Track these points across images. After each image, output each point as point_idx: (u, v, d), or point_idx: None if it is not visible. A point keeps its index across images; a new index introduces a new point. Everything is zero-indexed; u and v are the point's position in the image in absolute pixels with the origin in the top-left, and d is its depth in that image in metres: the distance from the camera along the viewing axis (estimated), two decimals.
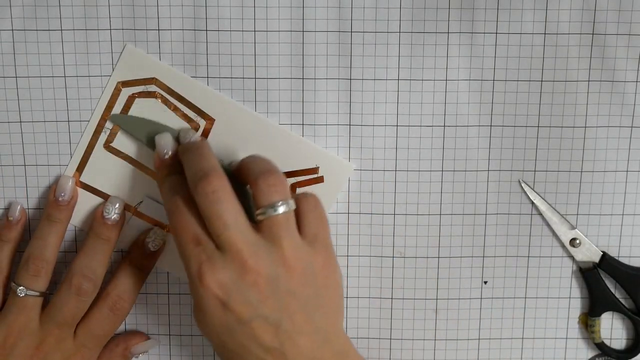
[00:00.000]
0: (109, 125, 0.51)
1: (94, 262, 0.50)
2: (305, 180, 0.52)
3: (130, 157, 0.52)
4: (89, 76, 0.51)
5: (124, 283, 0.51)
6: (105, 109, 0.51)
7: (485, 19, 0.50)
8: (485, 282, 0.53)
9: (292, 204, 0.45)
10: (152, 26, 0.50)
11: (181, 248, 0.45)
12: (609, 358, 0.54)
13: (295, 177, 0.52)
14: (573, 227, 0.52)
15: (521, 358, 0.55)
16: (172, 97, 0.51)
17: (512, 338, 0.54)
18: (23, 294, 0.49)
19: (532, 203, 0.52)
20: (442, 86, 0.51)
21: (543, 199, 0.52)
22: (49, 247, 0.50)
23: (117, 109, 0.51)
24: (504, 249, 0.53)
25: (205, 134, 0.51)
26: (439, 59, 0.51)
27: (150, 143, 0.51)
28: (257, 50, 0.50)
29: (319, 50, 0.50)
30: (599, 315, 0.53)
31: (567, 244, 0.52)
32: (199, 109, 0.51)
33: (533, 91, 0.51)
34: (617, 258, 0.53)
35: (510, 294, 0.54)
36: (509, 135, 0.51)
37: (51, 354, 0.50)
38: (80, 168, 0.52)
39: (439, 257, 0.53)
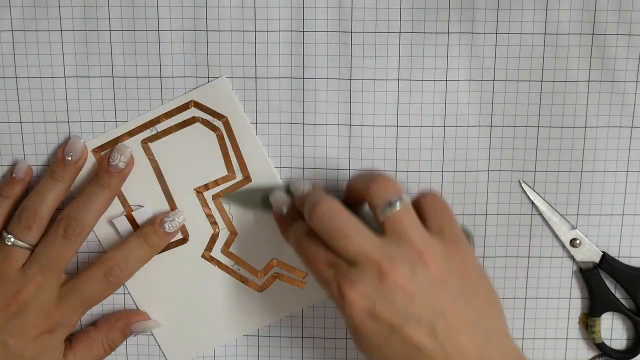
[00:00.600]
0: (160, 127, 0.52)
1: (88, 207, 0.50)
2: (289, 277, 0.53)
3: (157, 166, 0.52)
4: (88, 77, 0.51)
5: (127, 253, 0.51)
6: (164, 114, 0.51)
7: (485, 19, 0.50)
8: None
9: (407, 198, 0.44)
10: (152, 27, 0.50)
11: (318, 277, 0.45)
12: (609, 358, 0.54)
13: (281, 270, 0.53)
14: (573, 227, 0.52)
15: None
16: (230, 142, 0.51)
17: (512, 338, 0.54)
18: (10, 242, 0.49)
19: (532, 203, 0.52)
20: (442, 86, 0.51)
21: (543, 199, 0.52)
22: (45, 202, 0.50)
23: (174, 120, 0.51)
24: (504, 249, 0.53)
25: (236, 187, 0.52)
26: (439, 59, 0.51)
27: (266, 205, 0.51)
28: (258, 50, 0.50)
29: (319, 51, 0.50)
30: (599, 315, 0.53)
31: (567, 244, 0.52)
32: (245, 163, 0.52)
33: (533, 91, 0.51)
34: (617, 258, 0.53)
35: (511, 294, 0.54)
36: (509, 136, 0.51)
37: (30, 303, 0.49)
38: (108, 145, 0.52)
39: None
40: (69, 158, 0.50)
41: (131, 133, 0.52)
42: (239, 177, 0.52)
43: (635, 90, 0.51)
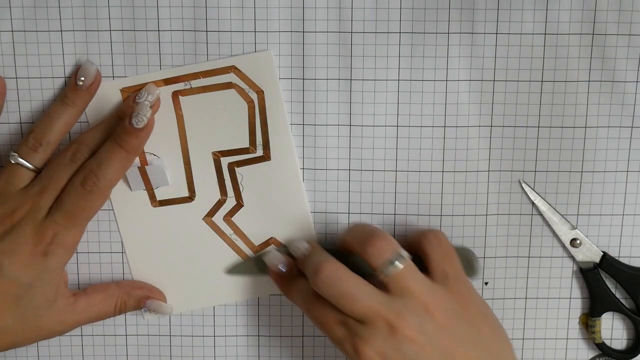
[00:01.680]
0: (195, 84, 0.51)
1: (102, 135, 0.49)
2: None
3: (180, 117, 0.51)
4: None
5: (100, 158, 0.48)
6: (203, 72, 0.51)
7: (486, 20, 0.50)
8: (486, 283, 0.53)
9: (406, 254, 0.46)
10: (152, 27, 0.50)
11: (331, 337, 0.47)
12: (610, 358, 0.54)
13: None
14: (573, 227, 0.52)
15: (522, 358, 0.54)
16: (260, 117, 0.51)
17: (512, 339, 0.54)
18: (14, 161, 0.49)
19: (533, 203, 0.52)
20: (442, 86, 0.51)
21: (543, 199, 0.52)
22: (54, 127, 0.49)
23: (212, 79, 0.51)
24: (505, 249, 0.53)
25: (255, 161, 0.52)
26: (439, 60, 0.51)
27: (262, 268, 0.53)
28: (258, 50, 0.50)
29: (319, 51, 0.50)
30: (600, 315, 0.53)
31: (567, 244, 0.52)
32: (268, 142, 0.52)
33: (533, 91, 0.51)
34: (617, 258, 0.53)
35: (511, 294, 0.54)
36: (510, 136, 0.51)
37: (23, 221, 0.48)
38: (132, 88, 0.51)
39: None
40: (81, 83, 0.49)
41: (166, 81, 0.51)
42: (259, 152, 0.52)
43: (635, 90, 0.51)
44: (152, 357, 0.55)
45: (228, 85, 0.51)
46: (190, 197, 0.53)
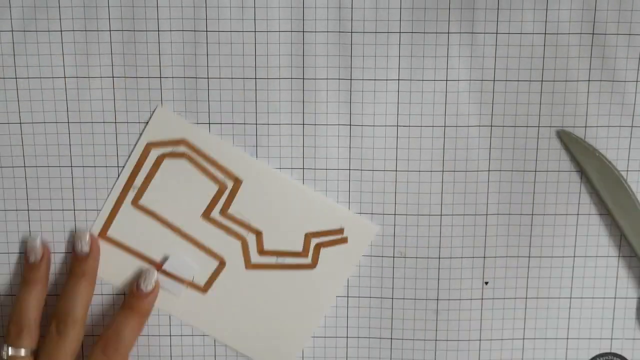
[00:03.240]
0: (137, 183, 0.52)
1: (74, 301, 0.51)
2: (329, 240, 0.52)
3: (158, 215, 0.53)
4: (88, 77, 0.51)
5: (117, 325, 0.51)
6: (134, 168, 0.52)
7: (486, 19, 0.50)
8: (487, 283, 0.53)
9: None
10: (151, 27, 0.50)
11: None
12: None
13: (320, 238, 0.52)
14: None
15: (522, 358, 0.55)
16: (201, 159, 0.52)
17: (513, 339, 0.54)
18: (7, 354, 0.50)
19: (533, 204, 0.52)
20: (442, 86, 0.51)
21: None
22: (28, 308, 0.51)
23: (145, 169, 0.52)
24: (505, 249, 0.53)
25: (233, 195, 0.52)
26: (440, 59, 0.51)
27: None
28: (258, 50, 0.50)
29: (319, 51, 0.50)
30: None
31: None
32: (227, 170, 0.52)
33: (533, 91, 0.51)
34: None
35: (511, 294, 0.54)
36: (510, 136, 0.51)
37: None
38: (107, 224, 0.53)
39: (439, 258, 0.53)
40: (33, 260, 0.52)
41: (119, 202, 0.52)
42: (229, 185, 0.52)
43: (635, 90, 0.51)
44: (152, 357, 0.55)
45: (158, 161, 0.52)
46: (222, 263, 0.53)
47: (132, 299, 0.52)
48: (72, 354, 0.51)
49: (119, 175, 0.52)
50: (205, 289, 0.53)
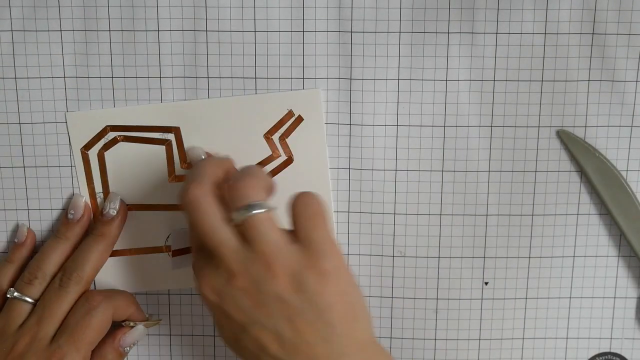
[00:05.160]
0: (97, 189, 0.52)
1: (84, 257, 0.51)
2: (288, 127, 0.52)
3: (134, 204, 0.53)
4: (88, 77, 0.51)
5: (85, 247, 0.51)
6: (86, 177, 0.52)
7: (486, 19, 0.50)
8: (487, 283, 0.53)
9: (268, 205, 0.43)
10: (151, 27, 0.50)
11: (191, 250, 0.46)
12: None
13: (278, 131, 0.52)
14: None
15: (522, 358, 0.55)
16: (132, 132, 0.51)
17: (512, 338, 0.54)
18: (11, 295, 0.50)
19: (533, 204, 0.52)
20: (442, 86, 0.51)
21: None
22: (48, 260, 0.51)
23: (95, 173, 0.52)
24: (505, 249, 0.53)
25: (180, 143, 0.52)
26: (439, 59, 0.50)
27: None
28: (258, 50, 0.50)
29: (319, 50, 0.50)
30: None
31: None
32: (159, 126, 0.51)
33: (533, 91, 0.51)
34: None
35: (511, 294, 0.54)
36: (510, 136, 0.51)
37: (26, 357, 0.48)
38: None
39: (439, 257, 0.53)
40: (71, 217, 0.51)
41: (96, 214, 0.53)
42: (171, 137, 0.52)
43: (635, 90, 0.51)
44: (152, 357, 0.55)
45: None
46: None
47: (98, 225, 0.51)
48: (66, 310, 0.50)
49: (80, 192, 0.52)
50: None
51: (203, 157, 0.50)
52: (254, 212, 0.42)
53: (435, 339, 0.54)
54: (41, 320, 0.49)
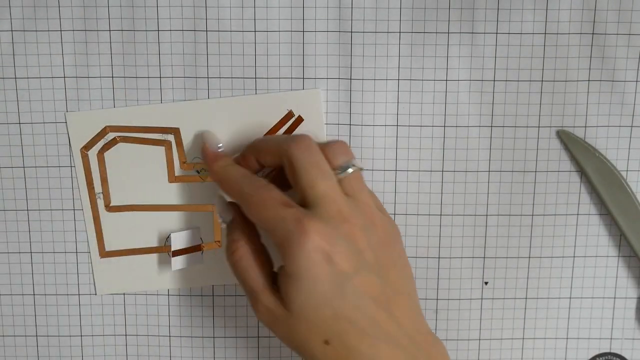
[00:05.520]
0: (97, 190, 0.52)
1: None
2: (288, 128, 0.51)
3: (134, 206, 0.52)
4: (88, 77, 0.51)
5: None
6: (86, 178, 0.52)
7: (486, 19, 0.50)
8: (486, 283, 0.53)
9: (360, 164, 0.46)
10: (151, 27, 0.50)
11: (271, 215, 0.43)
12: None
13: (278, 131, 0.52)
14: None
15: (522, 358, 0.55)
16: (132, 133, 0.51)
17: (512, 338, 0.54)
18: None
19: (533, 204, 0.52)
20: (442, 86, 0.51)
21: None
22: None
23: (95, 173, 0.52)
24: (505, 250, 0.53)
25: (180, 145, 0.52)
26: (439, 59, 0.50)
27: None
28: (258, 50, 0.50)
29: (319, 50, 0.50)
30: None
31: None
32: (159, 127, 0.51)
33: (533, 91, 0.51)
34: None
35: (511, 294, 0.54)
36: (510, 136, 0.51)
37: None
38: (101, 243, 0.53)
39: (439, 258, 0.53)
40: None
41: (96, 215, 0.52)
42: (171, 139, 0.52)
43: (635, 90, 0.51)
44: (152, 357, 0.55)
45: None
46: None
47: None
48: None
49: (79, 192, 0.52)
50: (219, 241, 0.53)
51: (220, 145, 0.50)
52: (353, 168, 0.45)
53: None
54: None
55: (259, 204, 0.44)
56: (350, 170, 0.45)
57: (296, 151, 0.44)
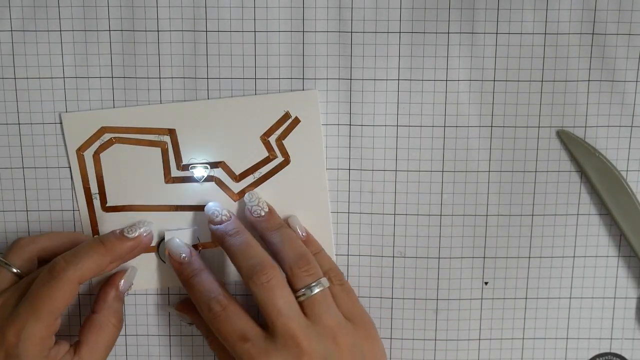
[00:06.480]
0: (94, 190, 0.52)
1: (81, 256, 0.47)
2: (285, 129, 0.52)
3: (130, 206, 0.52)
4: (88, 77, 0.51)
5: (78, 249, 0.48)
6: (82, 178, 0.52)
7: (486, 19, 0.50)
8: (486, 283, 0.53)
9: (326, 282, 0.48)
10: (151, 27, 0.50)
11: (231, 348, 0.47)
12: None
13: (275, 132, 0.52)
14: None
15: (522, 358, 0.55)
16: (128, 134, 0.51)
17: (512, 338, 0.54)
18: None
19: (533, 204, 0.52)
20: (442, 86, 0.51)
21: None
22: (38, 241, 0.50)
23: (91, 174, 0.52)
24: (505, 250, 0.53)
25: (176, 145, 0.51)
26: (440, 59, 0.50)
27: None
28: (257, 50, 0.50)
29: (319, 51, 0.50)
30: None
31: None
32: (155, 128, 0.51)
33: (533, 91, 0.51)
34: None
35: (511, 294, 0.54)
36: (510, 136, 0.51)
37: None
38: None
39: (439, 258, 0.53)
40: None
41: (92, 215, 0.53)
42: (167, 139, 0.52)
43: (635, 90, 0.51)
44: (152, 357, 0.55)
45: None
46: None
47: (111, 236, 0.49)
48: (55, 302, 0.46)
49: (75, 193, 0.52)
50: (214, 241, 0.53)
51: (183, 255, 0.50)
52: (317, 290, 0.47)
53: (435, 339, 0.54)
54: (15, 292, 0.47)
55: (218, 332, 0.47)
56: (315, 290, 0.47)
57: (255, 289, 0.46)
